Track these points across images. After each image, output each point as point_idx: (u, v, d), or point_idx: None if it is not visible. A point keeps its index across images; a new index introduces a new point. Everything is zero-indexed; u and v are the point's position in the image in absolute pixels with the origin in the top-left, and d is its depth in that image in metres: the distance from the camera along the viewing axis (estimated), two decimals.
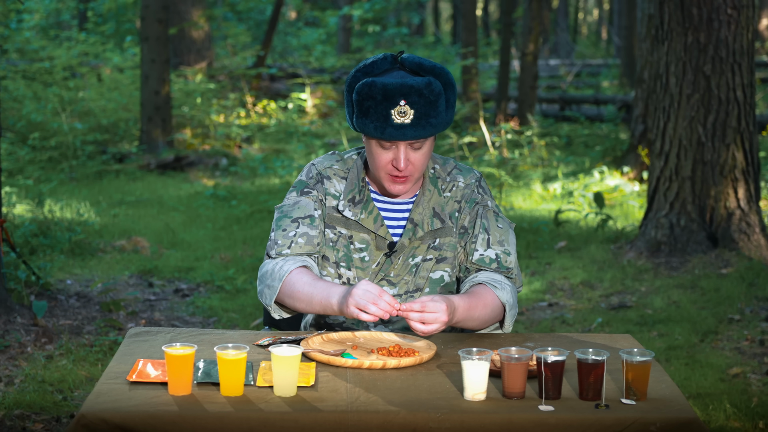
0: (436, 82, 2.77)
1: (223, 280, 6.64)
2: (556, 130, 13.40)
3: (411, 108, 2.73)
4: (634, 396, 2.36)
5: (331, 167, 2.96)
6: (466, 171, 2.98)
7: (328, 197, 2.93)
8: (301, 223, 2.89)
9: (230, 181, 10.68)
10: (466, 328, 2.85)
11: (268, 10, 21.15)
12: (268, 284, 2.84)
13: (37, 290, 5.90)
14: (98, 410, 2.22)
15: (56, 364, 4.81)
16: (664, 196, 6.99)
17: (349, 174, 2.94)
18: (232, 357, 2.33)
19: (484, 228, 2.91)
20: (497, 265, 2.89)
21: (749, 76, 6.81)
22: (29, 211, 8.07)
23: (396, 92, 2.73)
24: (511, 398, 2.36)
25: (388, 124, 2.74)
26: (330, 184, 2.94)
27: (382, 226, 2.89)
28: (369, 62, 2.84)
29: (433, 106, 2.75)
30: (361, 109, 2.77)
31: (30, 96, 12.53)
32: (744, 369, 4.89)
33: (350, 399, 2.32)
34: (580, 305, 6.14)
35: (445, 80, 2.80)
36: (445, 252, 2.91)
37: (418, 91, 2.74)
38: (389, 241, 2.89)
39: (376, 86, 2.74)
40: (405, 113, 2.73)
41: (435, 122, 2.77)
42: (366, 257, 2.90)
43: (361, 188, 2.92)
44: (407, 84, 2.74)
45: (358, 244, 2.90)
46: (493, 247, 2.90)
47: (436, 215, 2.91)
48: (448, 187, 2.94)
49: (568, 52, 25.29)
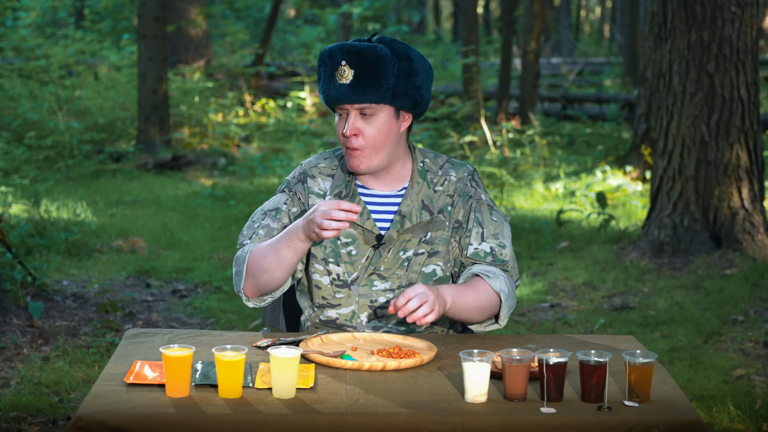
0: (385, 48, 2.79)
1: (222, 281, 6.62)
2: (558, 129, 13.39)
3: (350, 68, 2.76)
4: (637, 398, 2.35)
5: (317, 166, 2.97)
6: (458, 165, 2.97)
7: (312, 196, 2.94)
8: (268, 215, 2.93)
9: (228, 180, 10.65)
10: (463, 320, 2.83)
11: (267, 7, 21.14)
12: (236, 271, 2.87)
13: (33, 291, 5.90)
14: (95, 412, 2.22)
15: (52, 366, 4.80)
16: (667, 196, 6.97)
17: (337, 170, 2.95)
18: (231, 358, 2.32)
19: (478, 221, 2.90)
20: (492, 258, 2.88)
21: (753, 75, 6.81)
22: (25, 211, 8.05)
23: (338, 52, 2.79)
24: (513, 400, 2.35)
25: (331, 85, 2.79)
26: (314, 183, 2.95)
27: (369, 219, 2.88)
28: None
29: (374, 68, 2.76)
30: (318, 77, 2.85)
31: (26, 95, 12.51)
32: (748, 370, 4.87)
33: (350, 401, 2.31)
34: (583, 306, 6.13)
35: (399, 50, 2.81)
36: (438, 246, 2.89)
37: (360, 53, 2.77)
38: (376, 234, 2.88)
39: (326, 51, 2.82)
40: (344, 73, 2.77)
41: (377, 86, 2.77)
42: (353, 251, 2.89)
43: (347, 183, 2.92)
44: (350, 44, 2.79)
45: (344, 239, 2.90)
46: (487, 241, 2.89)
47: (425, 207, 2.90)
48: (440, 181, 2.93)
49: (570, 51, 25.28)
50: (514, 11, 13.69)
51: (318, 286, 2.90)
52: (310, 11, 25.19)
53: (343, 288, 2.88)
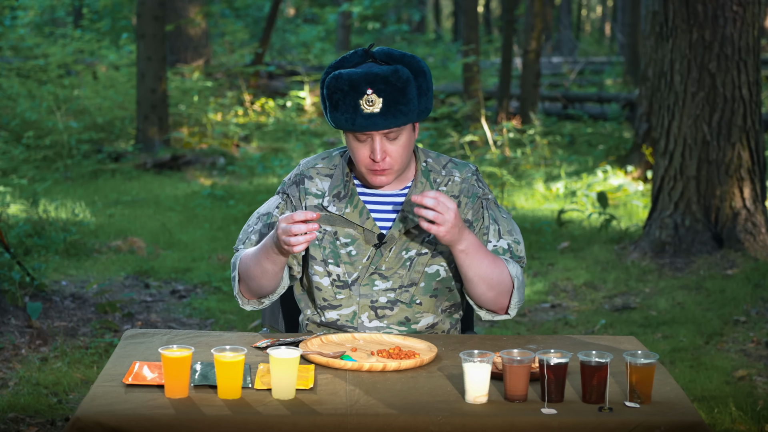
0: (404, 69, 2.75)
1: (221, 281, 6.61)
2: (559, 128, 13.38)
3: (378, 96, 2.72)
4: (638, 399, 2.35)
5: (315, 166, 2.97)
6: (461, 165, 2.97)
7: (309, 197, 2.93)
8: (260, 219, 2.95)
9: (228, 180, 10.64)
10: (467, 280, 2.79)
11: (266, 6, 21.14)
12: (232, 276, 2.91)
13: (31, 291, 5.88)
14: (94, 413, 2.21)
15: (51, 367, 4.79)
16: (668, 196, 6.96)
17: (335, 170, 2.94)
18: (230, 359, 2.32)
19: (493, 219, 2.92)
20: (510, 255, 2.90)
21: (755, 74, 6.80)
22: (23, 211, 8.03)
23: (362, 81, 2.73)
24: (513, 401, 2.35)
25: (357, 114, 2.74)
26: (312, 184, 2.93)
27: (368, 219, 2.88)
28: (340, 58, 2.85)
29: (402, 93, 2.74)
30: (332, 103, 2.78)
31: (24, 94, 12.49)
32: (750, 371, 4.86)
33: (350, 402, 2.31)
34: (583, 306, 6.12)
35: (415, 67, 2.79)
36: (442, 246, 2.88)
37: (384, 79, 2.73)
38: (377, 233, 2.87)
39: (342, 78, 2.74)
40: (373, 102, 2.73)
41: (406, 110, 2.75)
42: (353, 251, 2.88)
43: (345, 183, 2.91)
44: (372, 72, 2.73)
45: (343, 239, 2.89)
46: (504, 237, 2.91)
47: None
48: (444, 181, 2.93)
49: (571, 50, 25.29)
50: (515, 10, 13.68)
51: (318, 287, 2.90)
52: (309, 10, 25.20)
53: (344, 289, 2.87)
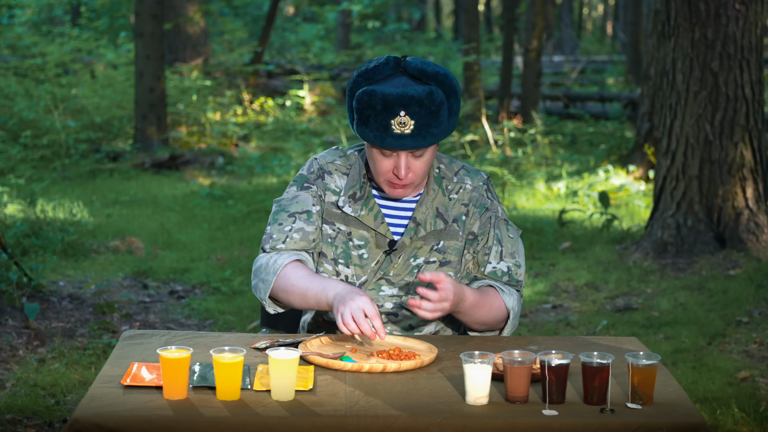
0: (438, 91, 2.72)
1: (220, 282, 6.61)
2: (560, 128, 13.38)
3: (411, 119, 2.70)
4: (640, 400, 2.35)
5: (333, 162, 2.94)
6: (473, 173, 2.96)
7: (328, 192, 2.91)
8: (298, 218, 2.88)
9: (227, 180, 10.63)
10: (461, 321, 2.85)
11: (266, 5, 21.13)
12: (262, 278, 2.84)
13: (28, 292, 5.87)
14: (92, 415, 2.21)
15: (49, 368, 4.78)
16: (670, 196, 6.94)
17: (351, 170, 2.92)
18: (229, 360, 2.32)
19: (498, 239, 2.91)
20: (508, 278, 2.90)
21: (758, 73, 6.81)
22: (21, 211, 8.01)
23: (396, 103, 2.69)
24: (514, 402, 2.35)
25: (387, 134, 2.71)
26: (331, 180, 2.92)
27: (383, 224, 2.87)
28: (371, 67, 2.79)
29: (435, 116, 2.71)
30: (361, 118, 2.74)
31: (22, 93, 12.48)
32: (752, 372, 4.86)
33: (349, 403, 2.31)
34: (585, 307, 6.11)
35: (447, 88, 2.76)
36: (450, 255, 2.89)
37: (419, 102, 2.69)
38: (389, 240, 2.86)
39: (375, 96, 2.70)
40: (405, 124, 2.70)
41: (436, 132, 2.73)
42: (365, 254, 2.88)
43: (362, 184, 2.90)
44: (407, 94, 2.69)
45: (356, 241, 2.88)
46: (505, 260, 2.90)
47: (440, 215, 2.89)
48: (455, 188, 2.92)
49: (573, 49, 25.29)
50: (516, 9, 13.68)
51: None
52: (309, 9, 25.20)
53: None
